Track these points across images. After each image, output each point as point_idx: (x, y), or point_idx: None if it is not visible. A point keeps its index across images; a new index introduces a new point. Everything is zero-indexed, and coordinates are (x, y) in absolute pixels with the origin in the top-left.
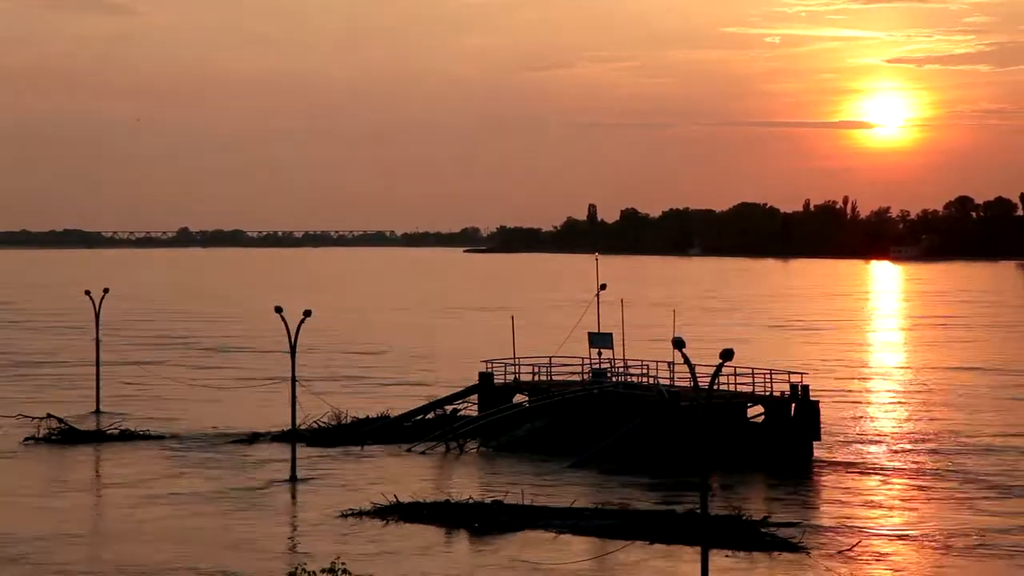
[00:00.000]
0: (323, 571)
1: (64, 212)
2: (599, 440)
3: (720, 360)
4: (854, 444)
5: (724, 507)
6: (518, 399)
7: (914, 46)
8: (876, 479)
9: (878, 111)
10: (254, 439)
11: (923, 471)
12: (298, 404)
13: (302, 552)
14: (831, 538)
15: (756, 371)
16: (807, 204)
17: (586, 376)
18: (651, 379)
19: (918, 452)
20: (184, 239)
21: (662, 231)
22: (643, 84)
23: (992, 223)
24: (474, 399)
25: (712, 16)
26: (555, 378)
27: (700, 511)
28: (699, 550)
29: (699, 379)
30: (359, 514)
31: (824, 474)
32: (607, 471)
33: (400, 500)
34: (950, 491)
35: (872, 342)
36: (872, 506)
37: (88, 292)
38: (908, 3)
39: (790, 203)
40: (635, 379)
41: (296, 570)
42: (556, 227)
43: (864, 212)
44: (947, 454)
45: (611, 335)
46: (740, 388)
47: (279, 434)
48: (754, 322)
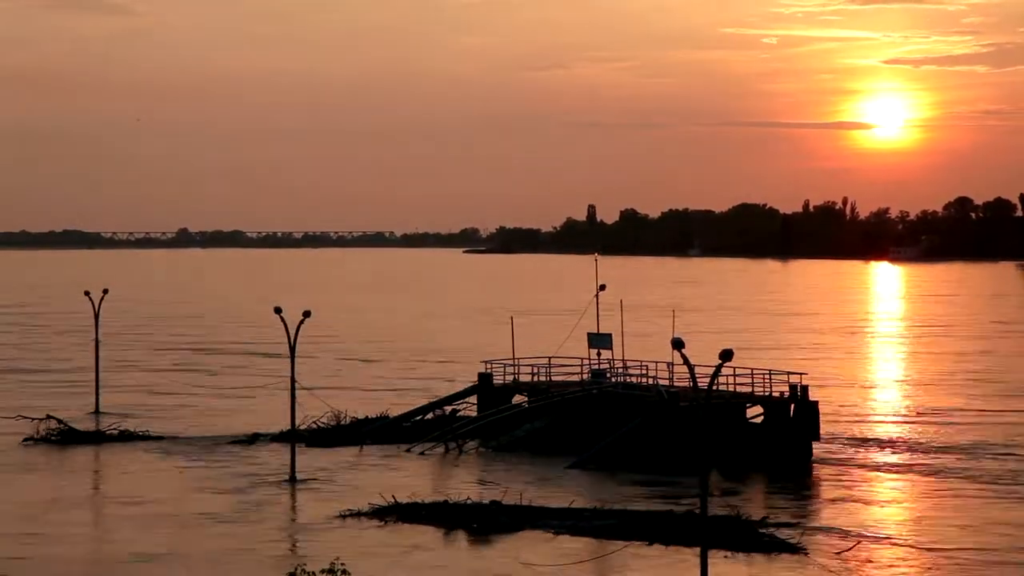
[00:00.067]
0: (323, 571)
1: (64, 212)
2: (598, 440)
3: (719, 360)
4: (854, 444)
5: (723, 507)
6: (517, 399)
7: (912, 47)
8: (876, 480)
9: (877, 112)
10: (254, 439)
11: (923, 471)
12: (297, 404)
13: (302, 552)
14: (830, 539)
15: (755, 371)
16: (807, 205)
17: (585, 376)
18: (650, 379)
19: (918, 452)
20: (184, 239)
21: (662, 231)
22: (643, 84)
23: (991, 224)
24: (473, 399)
25: (712, 16)
26: (554, 379)
27: (699, 511)
28: (697, 550)
29: (698, 379)
30: (358, 515)
31: (823, 475)
32: (607, 471)
33: (398, 501)
34: (950, 491)
35: (872, 342)
36: (871, 507)
37: (87, 293)
38: (905, 4)
39: (790, 203)
40: (634, 379)
41: (296, 570)
42: (556, 227)
43: (863, 213)
44: (947, 454)
45: (610, 335)
46: (739, 388)
47: (279, 434)
48: (754, 322)
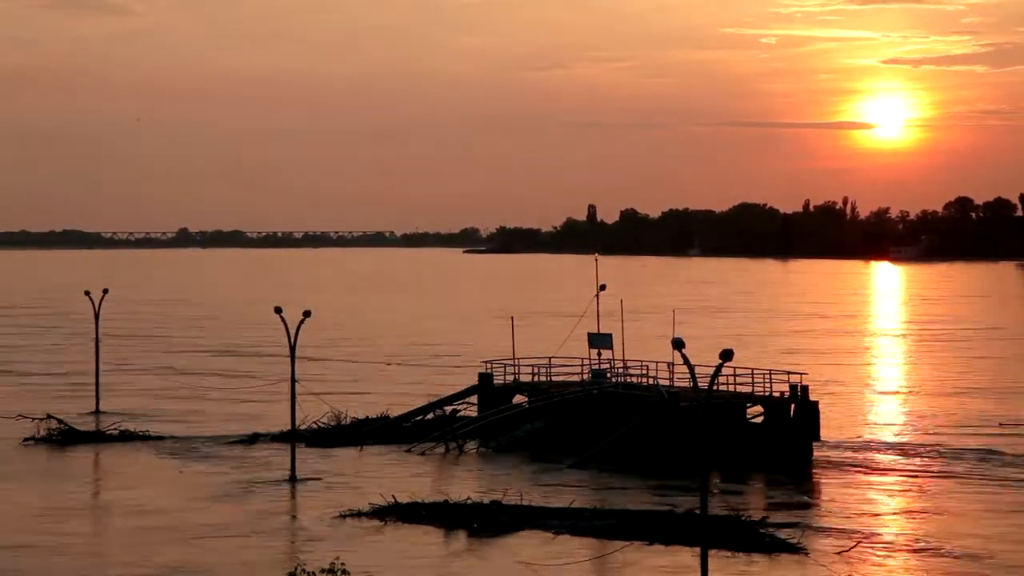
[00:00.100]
0: (322, 571)
1: (64, 212)
2: (599, 440)
3: (720, 360)
4: (854, 445)
5: (723, 507)
6: (518, 399)
7: (911, 47)
8: (876, 480)
9: (877, 112)
10: (254, 439)
11: (923, 472)
12: (298, 405)
13: (302, 552)
14: (830, 539)
15: (756, 371)
16: (807, 204)
17: (586, 377)
18: (651, 379)
19: (918, 453)
20: (184, 239)
21: (662, 231)
22: (643, 84)
23: (992, 224)
24: (474, 399)
25: (712, 16)
26: (555, 379)
27: (700, 511)
28: (697, 550)
29: (699, 379)
30: (357, 515)
31: (824, 475)
32: (607, 471)
33: (398, 501)
34: (950, 491)
35: (872, 343)
36: (871, 507)
37: (88, 293)
38: (904, 4)
39: (790, 203)
40: (635, 379)
41: (296, 570)
42: (556, 227)
43: (864, 212)
44: (947, 454)
45: (611, 335)
46: (740, 388)
47: (279, 434)
48: (754, 322)
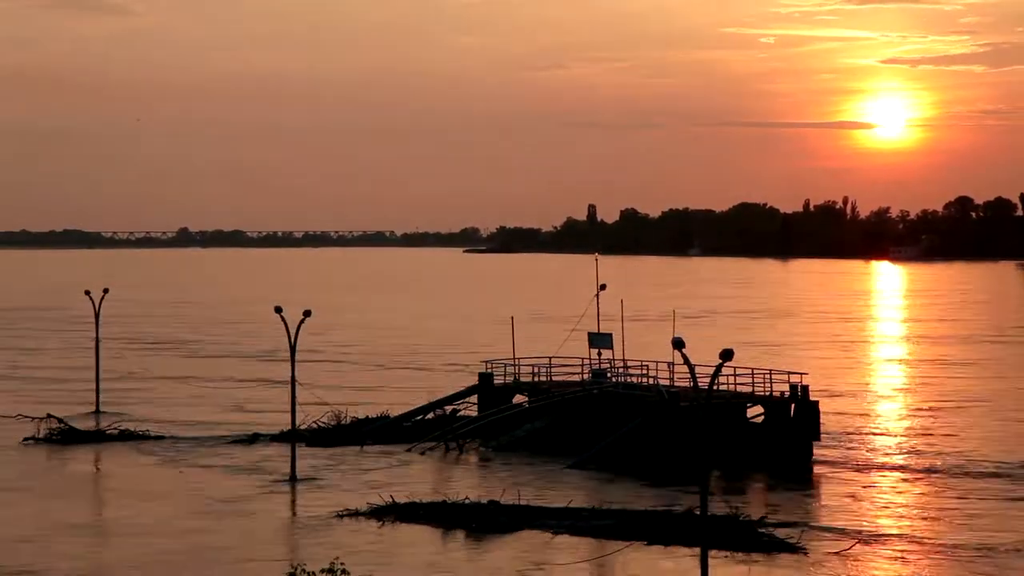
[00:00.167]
0: (323, 571)
1: (64, 212)
2: (599, 440)
3: (720, 360)
4: (854, 445)
5: (723, 507)
6: (518, 399)
7: (909, 47)
8: (875, 480)
9: (877, 111)
10: (254, 439)
11: (923, 471)
12: (298, 404)
13: (302, 552)
14: (830, 539)
15: (756, 371)
16: (807, 204)
17: (586, 376)
18: (651, 379)
19: (918, 453)
20: (184, 239)
21: (662, 231)
22: (643, 84)
23: (992, 223)
24: (474, 399)
25: (712, 16)
26: (555, 378)
27: (700, 511)
28: (695, 550)
29: (699, 379)
30: (355, 515)
31: (824, 474)
32: (607, 471)
33: (396, 501)
34: (949, 491)
35: (872, 342)
36: (871, 507)
37: (88, 292)
38: (902, 4)
39: (790, 203)
40: (635, 379)
41: (296, 570)
42: (556, 227)
43: (864, 212)
44: (947, 454)
45: (611, 335)
46: (740, 388)
47: (279, 434)
48: (754, 322)
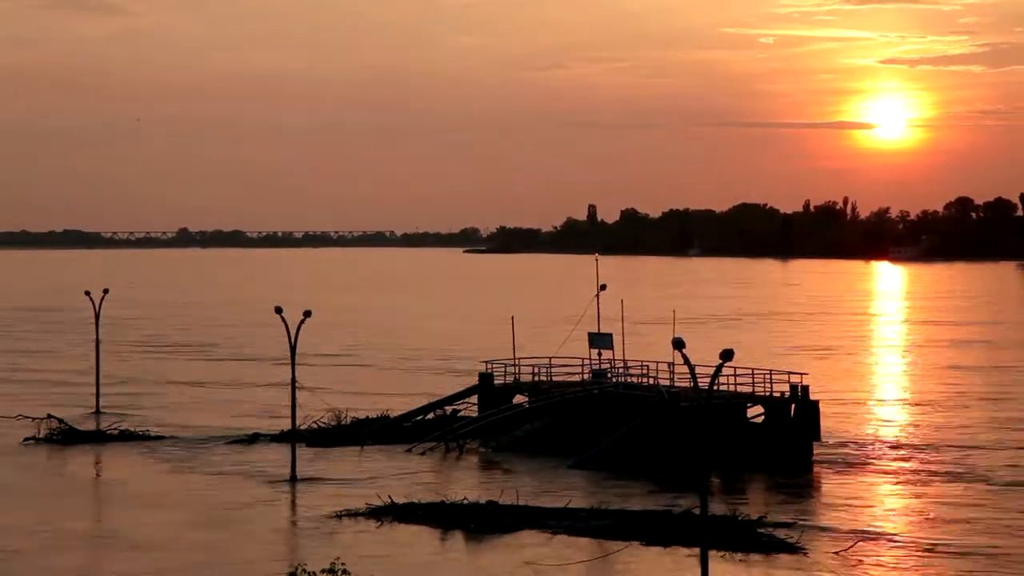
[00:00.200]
0: (323, 571)
1: (64, 212)
2: (599, 441)
3: (720, 360)
4: (854, 445)
5: (722, 507)
6: (518, 399)
7: (908, 47)
8: (875, 480)
9: (876, 112)
10: (254, 439)
11: (922, 472)
12: (298, 404)
13: (302, 552)
14: (829, 538)
15: (756, 371)
16: (807, 204)
17: (586, 377)
18: (651, 379)
19: (917, 453)
20: (184, 239)
21: (662, 231)
22: (643, 84)
23: (992, 224)
24: (474, 399)
25: (711, 16)
26: (555, 379)
27: (700, 512)
28: (694, 550)
29: (699, 379)
30: (354, 515)
31: (824, 475)
32: (607, 471)
33: (395, 501)
34: (949, 492)
35: (872, 343)
36: (871, 507)
37: (88, 293)
38: (901, 4)
39: (790, 203)
40: (635, 379)
41: (296, 570)
42: (556, 227)
43: (864, 213)
44: (947, 454)
45: (611, 335)
46: (740, 388)
47: (279, 434)
48: (753, 322)
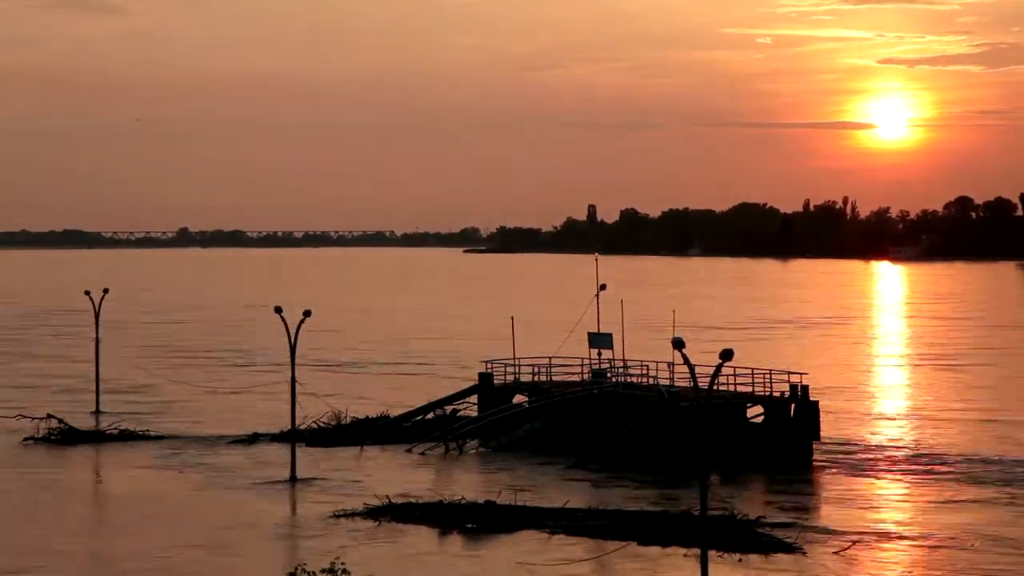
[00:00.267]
0: (322, 571)
1: (64, 212)
2: (599, 440)
3: (720, 360)
4: (853, 445)
5: (720, 507)
6: (518, 399)
7: (906, 47)
8: (875, 479)
9: (876, 112)
10: (254, 439)
11: (922, 471)
12: (298, 404)
13: (302, 552)
14: (829, 538)
15: (756, 371)
16: (807, 204)
17: (586, 376)
18: (651, 379)
19: (918, 453)
20: (184, 239)
21: (662, 231)
22: (643, 84)
23: (992, 223)
24: (474, 399)
25: (711, 16)
26: (555, 378)
27: (699, 512)
28: (692, 550)
29: (699, 379)
30: (352, 515)
31: (823, 475)
32: (607, 471)
33: (392, 501)
34: (948, 491)
35: (871, 343)
36: (870, 507)
37: (88, 292)
38: (899, 4)
39: (790, 203)
40: (635, 379)
41: (296, 570)
42: (556, 227)
43: (864, 212)
44: (946, 454)
45: (611, 335)
46: (740, 388)
47: (279, 434)
48: (754, 322)
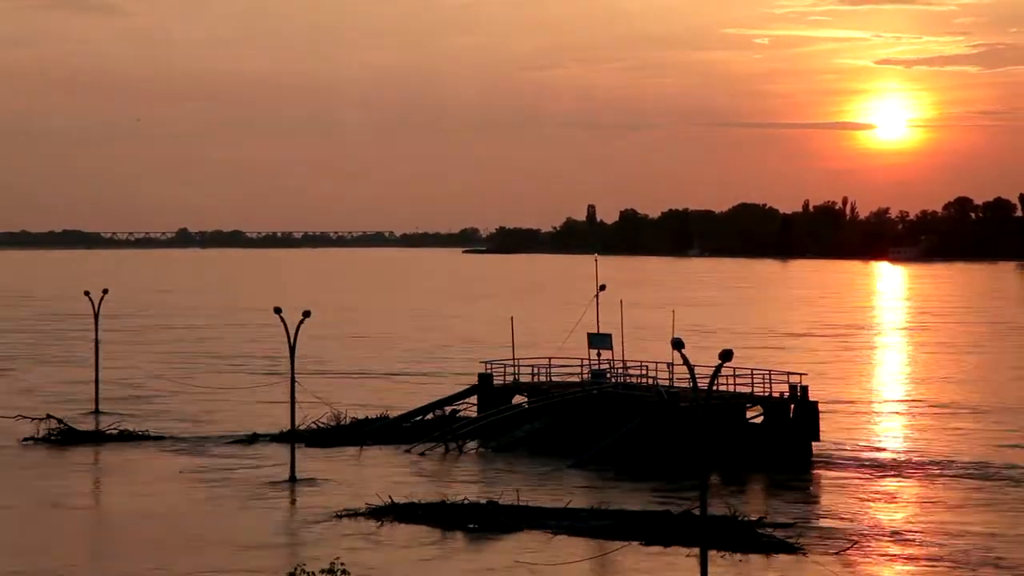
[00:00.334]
0: (323, 571)
1: (64, 212)
2: (598, 441)
3: (719, 361)
4: (853, 445)
5: (721, 507)
6: (517, 400)
7: (904, 47)
8: (874, 480)
9: (875, 112)
10: (254, 439)
11: (921, 471)
12: (297, 405)
13: (302, 552)
14: (829, 539)
15: (755, 372)
16: (807, 204)
17: (585, 377)
18: (650, 380)
19: (917, 453)
20: (184, 239)
21: (661, 232)
22: (642, 84)
23: (991, 224)
24: (473, 400)
25: (711, 17)
26: (554, 379)
27: (699, 512)
28: (693, 550)
29: (698, 380)
30: (354, 515)
31: (823, 475)
32: (607, 471)
33: (395, 501)
34: (948, 491)
35: (871, 343)
36: (870, 507)
37: (87, 293)
38: (896, 5)
39: (790, 203)
40: (634, 380)
41: (296, 570)
42: (555, 228)
43: (863, 213)
44: (946, 454)
45: (610, 336)
46: (739, 389)
47: (278, 435)
48: (754, 323)
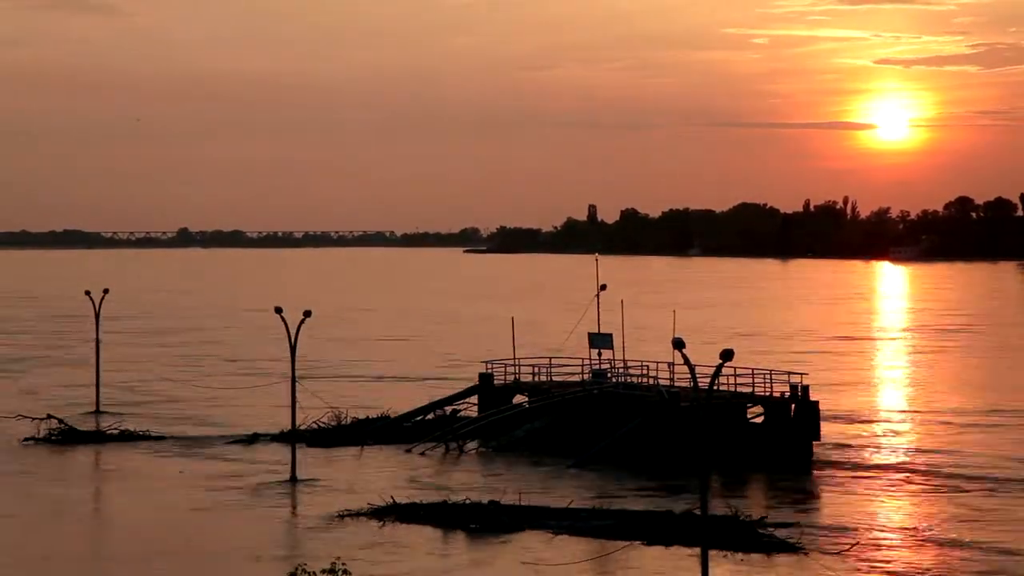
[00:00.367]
0: (323, 571)
1: (64, 212)
2: (599, 441)
3: (720, 360)
4: (854, 445)
5: (723, 507)
6: (518, 400)
7: (903, 47)
8: (875, 479)
9: (875, 112)
10: (254, 439)
11: (922, 472)
12: (298, 405)
13: (302, 552)
14: (829, 538)
15: (756, 371)
16: (807, 204)
17: (586, 377)
18: (651, 379)
19: (918, 453)
20: (184, 239)
21: (662, 231)
22: (642, 84)
23: (992, 223)
24: (474, 400)
25: (711, 16)
26: (555, 379)
27: (700, 512)
28: (695, 550)
29: (699, 379)
30: (356, 515)
31: (823, 475)
32: (607, 471)
33: (397, 501)
34: (949, 491)
35: (872, 342)
36: (871, 507)
37: (88, 293)
38: (895, 4)
39: (790, 203)
40: (635, 379)
41: (296, 570)
42: (556, 227)
43: (864, 212)
44: (946, 454)
45: (611, 336)
46: (740, 388)
47: (279, 434)
48: (754, 323)
